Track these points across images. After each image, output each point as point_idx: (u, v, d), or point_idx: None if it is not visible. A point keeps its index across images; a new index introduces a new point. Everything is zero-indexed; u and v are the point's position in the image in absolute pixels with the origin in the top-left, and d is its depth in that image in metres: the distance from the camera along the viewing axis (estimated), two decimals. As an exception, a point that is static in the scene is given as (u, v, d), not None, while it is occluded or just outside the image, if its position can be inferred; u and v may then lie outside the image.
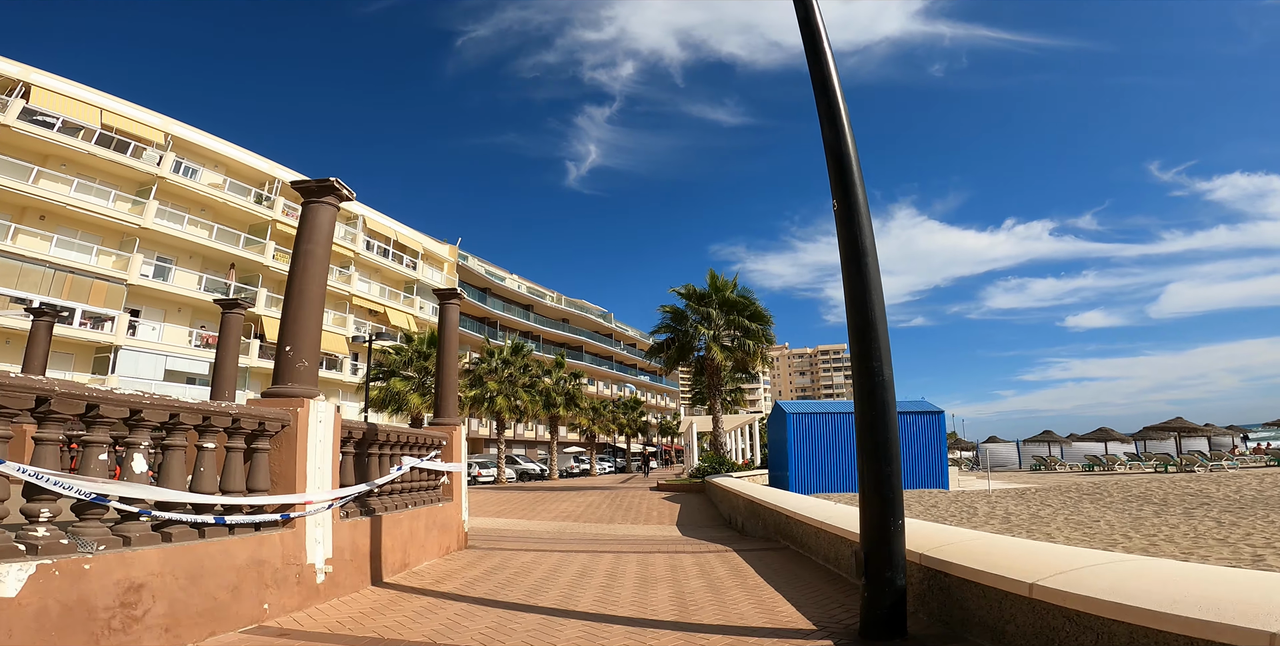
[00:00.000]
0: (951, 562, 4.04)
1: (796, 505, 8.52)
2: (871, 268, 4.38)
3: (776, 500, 9.87)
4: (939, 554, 4.25)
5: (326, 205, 5.83)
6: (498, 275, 64.74)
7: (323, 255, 5.64)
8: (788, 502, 9.15)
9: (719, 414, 25.16)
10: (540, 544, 9.81)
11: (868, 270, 4.36)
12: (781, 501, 9.45)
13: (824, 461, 19.79)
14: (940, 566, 4.17)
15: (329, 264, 5.77)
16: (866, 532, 4.05)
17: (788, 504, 8.89)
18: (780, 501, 9.48)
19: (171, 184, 35.39)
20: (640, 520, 15.44)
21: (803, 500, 9.63)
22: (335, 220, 5.95)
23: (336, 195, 5.93)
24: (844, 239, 4.51)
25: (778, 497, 10.54)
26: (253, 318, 37.54)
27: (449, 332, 9.05)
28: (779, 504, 9.11)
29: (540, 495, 23.34)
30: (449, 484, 8.17)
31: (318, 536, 4.87)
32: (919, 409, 20.24)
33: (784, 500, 9.70)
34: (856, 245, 4.43)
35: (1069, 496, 16.59)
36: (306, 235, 5.66)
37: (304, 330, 5.23)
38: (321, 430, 5.02)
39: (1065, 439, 37.48)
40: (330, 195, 5.91)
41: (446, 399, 8.64)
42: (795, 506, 8.40)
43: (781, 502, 9.23)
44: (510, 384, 31.78)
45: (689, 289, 25.25)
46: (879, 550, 3.95)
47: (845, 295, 4.44)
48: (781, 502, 9.23)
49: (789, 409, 20.59)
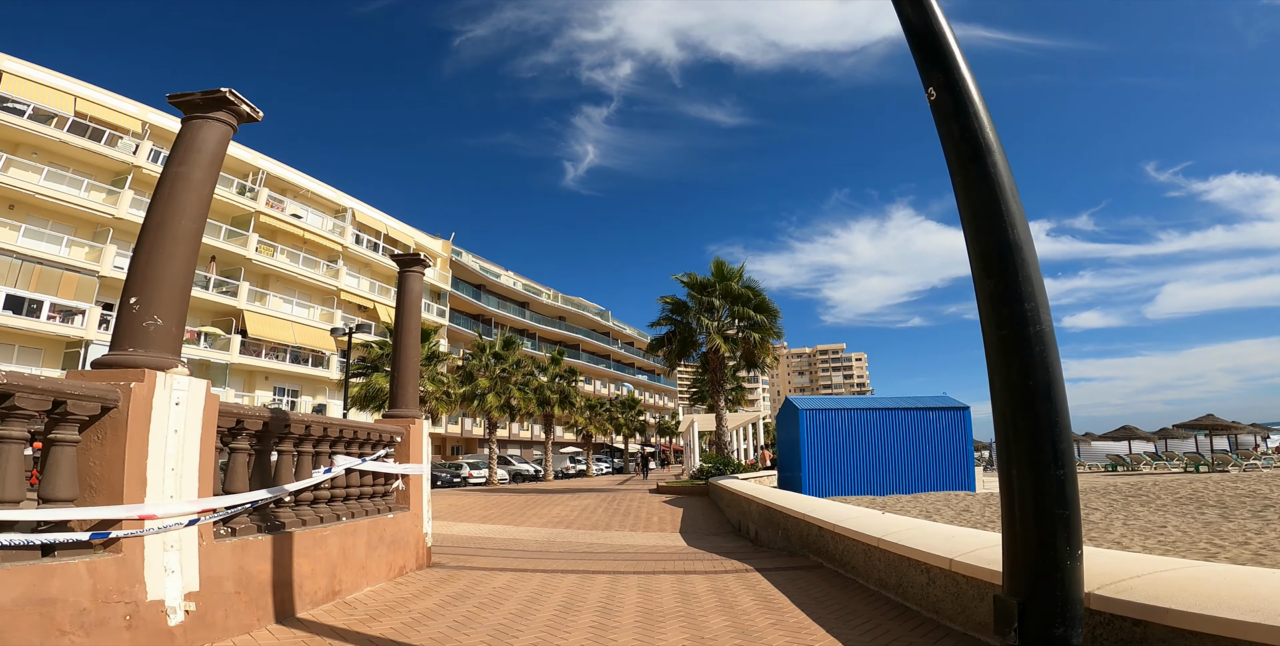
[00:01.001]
0: (1159, 607, 2.52)
1: (832, 514, 6.97)
2: (1001, 167, 2.85)
3: (800, 506, 8.33)
4: (1127, 592, 2.72)
5: (214, 122, 4.25)
6: (493, 272, 63.16)
7: (201, 181, 4.08)
8: (818, 510, 7.61)
9: (723, 411, 23.56)
10: (523, 558, 8.26)
11: (996, 171, 2.83)
12: (809, 508, 7.91)
13: (840, 461, 18.21)
14: (1137, 612, 2.64)
15: (210, 198, 4.21)
16: (1021, 570, 2.50)
17: (819, 512, 7.34)
18: (808, 508, 7.95)
19: (149, 174, 33.87)
20: (639, 527, 13.90)
21: (836, 507, 8.08)
22: (226, 143, 4.36)
23: (230, 110, 4.32)
24: (952, 136, 2.97)
25: (800, 503, 9.00)
26: (234, 312, 36.04)
27: (409, 307, 7.50)
28: (807, 512, 7.56)
29: (532, 498, 21.79)
30: (405, 489, 6.61)
31: (169, 563, 3.34)
32: (942, 404, 18.66)
33: (811, 507, 8.16)
34: (975, 139, 2.90)
35: (1111, 498, 15.06)
36: (180, 156, 4.10)
37: (160, 276, 3.68)
38: (179, 416, 3.48)
39: (1083, 437, 35.91)
40: (221, 110, 4.30)
41: (405, 387, 7.10)
42: (831, 515, 6.85)
43: (809, 510, 7.69)
44: (502, 381, 30.18)
45: (692, 278, 23.66)
46: (1044, 595, 2.40)
47: (962, 212, 2.91)
48: (809, 510, 7.69)
49: (801, 405, 19.00)
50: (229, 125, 4.44)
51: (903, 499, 16.36)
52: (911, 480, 18.08)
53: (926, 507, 14.25)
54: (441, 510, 17.76)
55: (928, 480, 18.09)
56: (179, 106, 4.35)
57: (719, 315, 23.13)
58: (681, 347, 23.63)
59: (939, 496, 16.53)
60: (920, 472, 18.12)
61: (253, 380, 37.40)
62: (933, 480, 18.10)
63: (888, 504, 15.13)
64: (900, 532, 5.16)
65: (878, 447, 18.24)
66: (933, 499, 16.03)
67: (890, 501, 15.87)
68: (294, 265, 40.05)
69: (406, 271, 7.73)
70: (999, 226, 2.79)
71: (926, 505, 14.79)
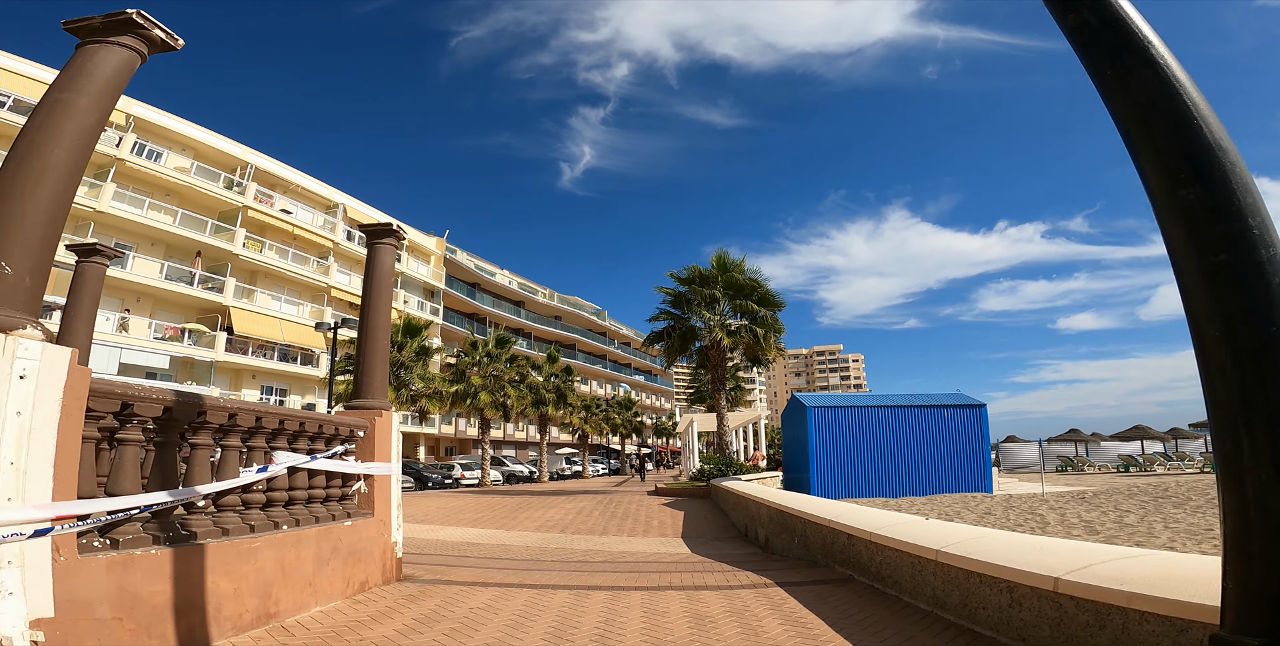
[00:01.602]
0: None
1: (866, 520, 6.05)
2: (1171, 60, 1.95)
3: (822, 511, 7.42)
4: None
5: (114, 47, 3.32)
6: (488, 270, 62.20)
7: (85, 109, 3.18)
8: (844, 515, 6.69)
9: (724, 410, 22.61)
10: (509, 570, 7.33)
11: (1166, 63, 1.93)
12: (833, 513, 6.98)
13: (850, 462, 17.24)
14: None
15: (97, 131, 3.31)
16: (1262, 600, 1.58)
17: (846, 518, 6.42)
18: (831, 513, 7.02)
19: (132, 166, 33.05)
20: (639, 531, 12.98)
21: (863, 511, 7.17)
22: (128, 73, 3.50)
23: (138, 34, 3.43)
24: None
25: (820, 507, 8.08)
26: (220, 309, 35.03)
27: (378, 284, 6.58)
28: (832, 517, 6.64)
29: (525, 500, 20.84)
30: (369, 492, 5.67)
31: (6, 583, 2.41)
32: (958, 402, 17.72)
33: (835, 511, 7.24)
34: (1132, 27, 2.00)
35: (1141, 500, 14.19)
36: (65, 82, 3.26)
37: (14, 213, 2.75)
38: (23, 394, 2.55)
39: (1092, 437, 34.95)
40: (126, 34, 3.41)
41: (371, 374, 6.15)
42: (864, 521, 5.94)
43: (834, 515, 6.77)
44: (496, 379, 29.19)
45: (692, 271, 22.70)
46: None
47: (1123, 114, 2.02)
48: (834, 515, 6.77)
49: (809, 402, 18.03)
50: (136, 52, 3.63)
51: (917, 501, 15.47)
52: (925, 481, 17.17)
53: (945, 510, 13.35)
54: (429, 513, 16.82)
55: (942, 481, 17.17)
56: (74, 32, 3.59)
57: (720, 308, 22.19)
58: (681, 342, 22.64)
59: (955, 498, 15.63)
60: (934, 473, 17.20)
61: (239, 379, 36.38)
62: (947, 481, 17.17)
63: (902, 506, 14.23)
64: (966, 542, 4.24)
65: (889, 447, 17.31)
66: (949, 501, 15.14)
67: (904, 503, 14.98)
68: (283, 261, 39.06)
69: (377, 243, 6.81)
70: (1187, 123, 1.87)
71: (944, 507, 13.89)
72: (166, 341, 32.61)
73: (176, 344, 32.76)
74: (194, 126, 36.78)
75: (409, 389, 22.49)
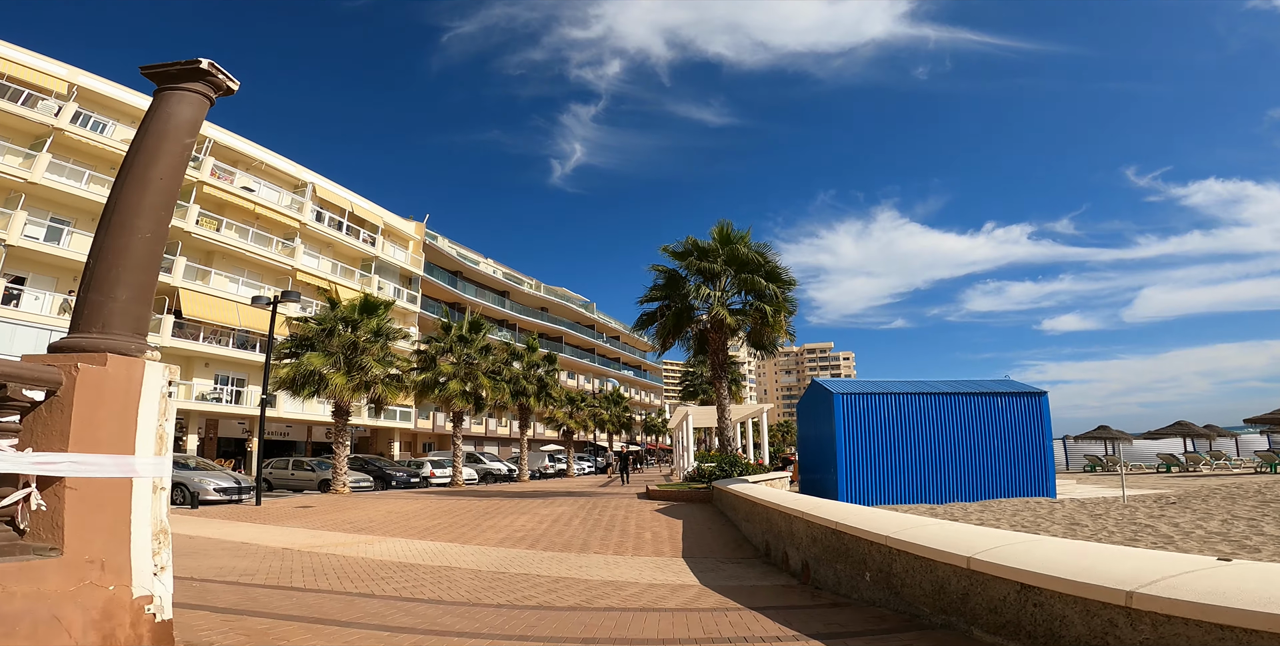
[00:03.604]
0: None
1: (1046, 558, 3.21)
2: None
3: (930, 536, 4.59)
4: None
5: None
6: (471, 259, 59.13)
7: None
8: (963, 540, 3.86)
9: (726, 401, 19.70)
10: (419, 629, 4.45)
11: None
12: (953, 540, 4.15)
13: (885, 460, 14.27)
14: None
15: None
16: None
17: (1009, 550, 3.57)
18: (943, 540, 4.20)
19: (72, 137, 30.08)
20: (627, 547, 10.12)
21: (988, 533, 4.33)
22: None
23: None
24: None
25: (904, 527, 5.25)
26: (168, 290, 31.86)
27: (157, 145, 3.66)
28: (946, 546, 3.83)
29: (496, 503, 17.94)
30: (52, 511, 2.75)
31: None
32: (1013, 389, 14.78)
33: (954, 536, 4.39)
34: None
35: (1249, 505, 11.45)
36: None
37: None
38: None
39: (1121, 434, 32.10)
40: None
41: (109, 287, 3.23)
42: (1042, 560, 3.09)
43: (948, 543, 3.95)
44: (469, 366, 26.18)
45: (690, 243, 19.74)
46: None
47: None
48: (948, 543, 3.95)
49: (835, 388, 14.98)
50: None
51: (969, 507, 12.67)
52: (976, 483, 14.34)
53: (1014, 520, 10.55)
54: (374, 520, 13.91)
55: (996, 483, 14.36)
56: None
57: (722, 284, 19.28)
58: (675, 322, 19.62)
59: (1016, 505, 12.81)
60: (987, 474, 14.37)
61: (190, 366, 33.25)
62: (1002, 483, 14.36)
63: (955, 515, 11.42)
64: None
65: (933, 442, 14.44)
66: (1010, 508, 12.34)
67: (955, 511, 12.18)
68: (242, 241, 35.93)
69: (169, 90, 3.87)
70: None
71: (1009, 516, 11.10)
72: (106, 325, 29.46)
73: (116, 328, 29.59)
74: (145, 98, 33.68)
75: (363, 373, 19.50)
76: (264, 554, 9.13)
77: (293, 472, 23.52)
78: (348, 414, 21.09)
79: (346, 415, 21.02)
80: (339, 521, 13.57)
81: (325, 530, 12.21)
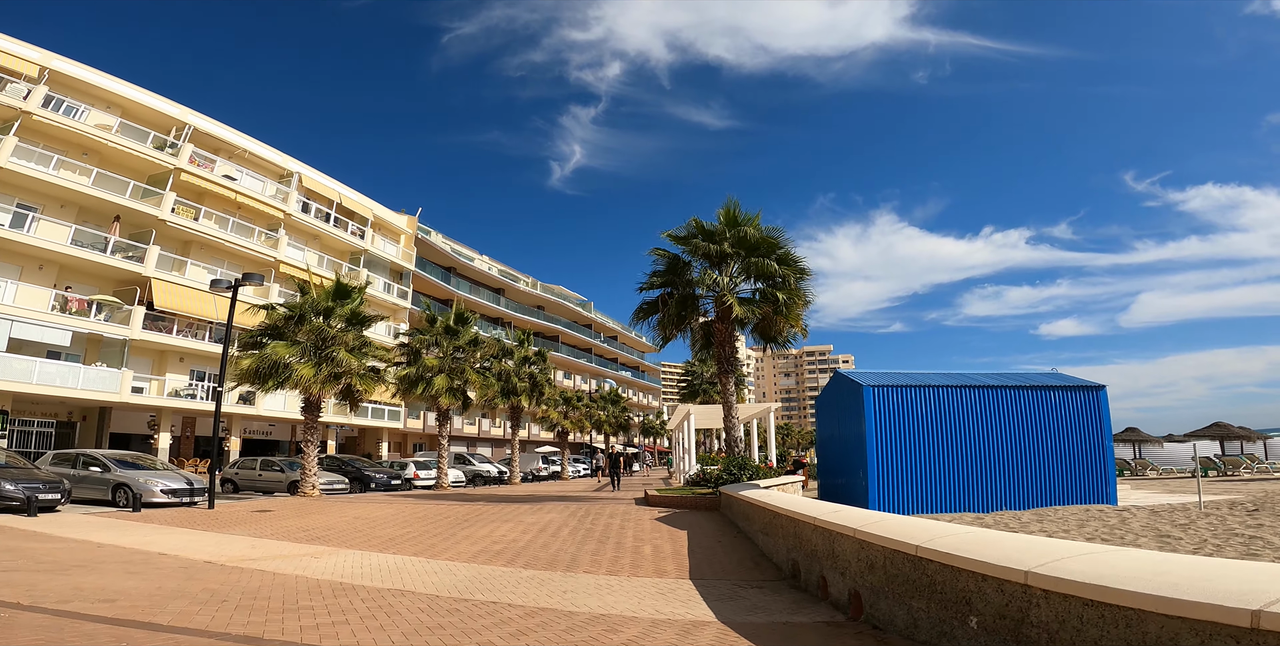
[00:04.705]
0: None
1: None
2: None
3: (1056, 564, 2.91)
4: None
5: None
6: (465, 255, 57.37)
7: None
8: (1178, 574, 2.17)
9: (733, 399, 17.97)
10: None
11: None
12: (1128, 578, 2.45)
13: (923, 462, 12.39)
14: None
15: None
16: None
17: None
18: (1121, 578, 2.51)
19: (41, 121, 28.30)
20: (624, 565, 8.41)
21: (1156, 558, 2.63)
22: None
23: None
24: None
25: (1038, 551, 3.56)
26: (140, 280, 30.12)
27: None
28: (1165, 591, 2.15)
29: (480, 509, 16.21)
30: None
31: None
32: (1067, 382, 12.98)
33: (1114, 563, 2.69)
34: None
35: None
36: None
37: None
38: None
39: (1150, 437, 30.35)
40: None
41: None
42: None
43: (1143, 583, 2.26)
44: (455, 361, 24.42)
45: (694, 225, 17.95)
46: None
47: None
48: (1143, 583, 2.26)
49: (865, 381, 13.16)
50: None
51: (1021, 516, 10.97)
52: (1027, 489, 12.60)
53: (1084, 531, 8.85)
54: (334, 527, 12.17)
55: (1050, 489, 12.63)
56: None
57: (730, 269, 17.55)
58: (678, 311, 17.87)
59: (1077, 513, 11.10)
60: (1039, 478, 12.62)
61: (164, 361, 31.49)
62: (1057, 489, 12.63)
63: (1009, 524, 9.71)
64: None
65: (977, 442, 12.66)
66: (1074, 518, 10.62)
67: (1007, 520, 10.46)
68: (221, 231, 34.15)
69: None
70: None
71: (1077, 527, 9.40)
72: (72, 316, 27.67)
73: (83, 318, 27.81)
74: (123, 83, 32.09)
75: (335, 364, 17.73)
76: (171, 570, 7.42)
77: (260, 473, 21.74)
78: (319, 410, 19.33)
79: (318, 411, 19.25)
80: (292, 529, 11.85)
81: (271, 539, 10.50)
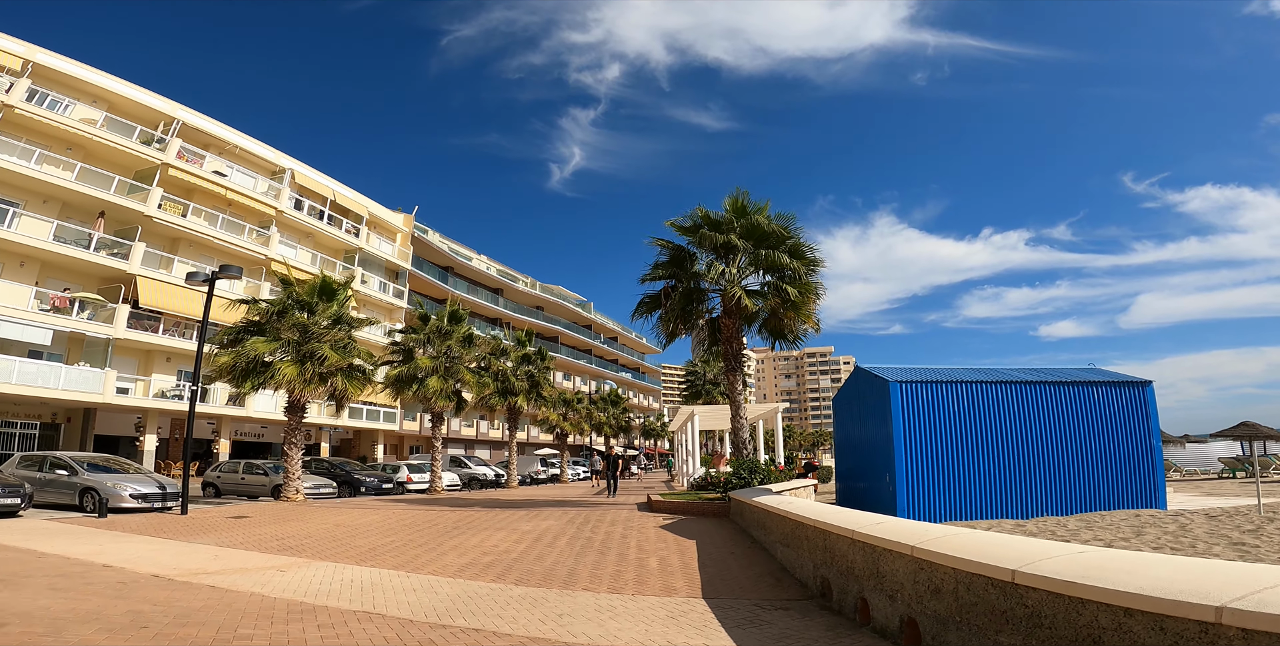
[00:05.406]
0: None
1: None
2: None
3: None
4: None
5: None
6: (463, 255, 56.45)
7: None
8: None
9: (741, 398, 17.01)
10: None
11: None
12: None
13: (958, 465, 11.33)
14: None
15: None
16: None
17: None
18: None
19: (22, 115, 27.41)
20: (627, 580, 7.44)
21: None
22: None
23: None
24: None
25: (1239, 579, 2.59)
26: (124, 278, 29.19)
27: None
28: None
29: (472, 515, 15.24)
30: None
31: None
32: (1110, 378, 11.98)
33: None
34: None
35: None
36: None
37: None
38: None
39: (1174, 437, 29.26)
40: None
41: None
42: None
43: None
44: (449, 360, 23.46)
45: (700, 214, 16.94)
46: None
47: None
48: None
49: (890, 376, 12.11)
50: None
51: (1066, 523, 10.00)
52: (1068, 493, 11.62)
53: (1143, 539, 7.88)
54: (312, 535, 11.20)
55: (1094, 493, 11.66)
56: None
57: (738, 261, 16.58)
58: (683, 305, 16.91)
59: (1128, 519, 10.15)
60: (1082, 481, 11.65)
61: (150, 361, 30.55)
62: (1102, 493, 11.67)
63: (1057, 532, 8.74)
64: None
65: (1015, 442, 11.65)
66: (1127, 524, 9.64)
67: (1051, 526, 9.49)
68: (211, 228, 33.23)
69: None
70: None
71: (1134, 535, 8.44)
72: (54, 314, 26.73)
73: (64, 316, 26.86)
74: (110, 77, 31.21)
75: (318, 363, 16.78)
76: (103, 586, 6.45)
77: (243, 477, 20.76)
78: (304, 411, 18.38)
79: (303, 412, 18.30)
80: (265, 537, 10.88)
81: (239, 549, 9.53)
